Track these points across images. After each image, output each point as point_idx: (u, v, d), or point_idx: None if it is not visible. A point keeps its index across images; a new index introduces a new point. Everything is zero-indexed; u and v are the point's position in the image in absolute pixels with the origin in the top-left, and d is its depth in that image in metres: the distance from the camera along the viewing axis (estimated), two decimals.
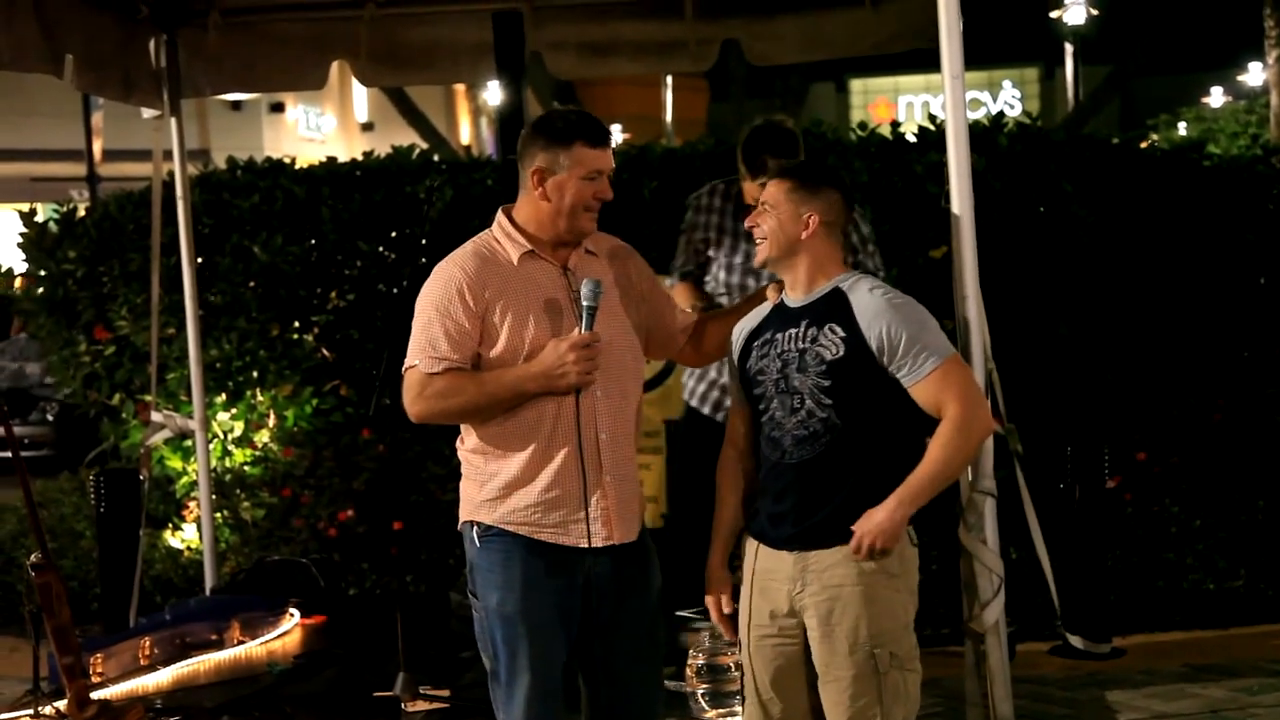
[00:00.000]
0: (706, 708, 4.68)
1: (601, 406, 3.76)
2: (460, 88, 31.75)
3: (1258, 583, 7.13)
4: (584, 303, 3.71)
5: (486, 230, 3.89)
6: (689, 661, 4.76)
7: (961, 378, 3.70)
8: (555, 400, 3.71)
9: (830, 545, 3.66)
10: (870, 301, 3.69)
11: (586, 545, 3.73)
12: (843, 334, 3.68)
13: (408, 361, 3.79)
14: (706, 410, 5.68)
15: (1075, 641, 6.56)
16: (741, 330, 3.91)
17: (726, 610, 3.90)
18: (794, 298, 3.82)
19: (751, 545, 3.83)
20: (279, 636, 6.07)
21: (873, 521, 3.60)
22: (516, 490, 3.73)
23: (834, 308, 3.73)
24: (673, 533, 7.18)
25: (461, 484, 3.87)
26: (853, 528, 3.62)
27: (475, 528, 3.80)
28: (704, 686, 4.71)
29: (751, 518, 3.87)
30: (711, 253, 5.64)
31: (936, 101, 30.06)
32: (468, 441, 3.83)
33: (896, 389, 3.67)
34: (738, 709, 4.56)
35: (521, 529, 3.74)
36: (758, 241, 3.85)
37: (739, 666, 4.45)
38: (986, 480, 4.09)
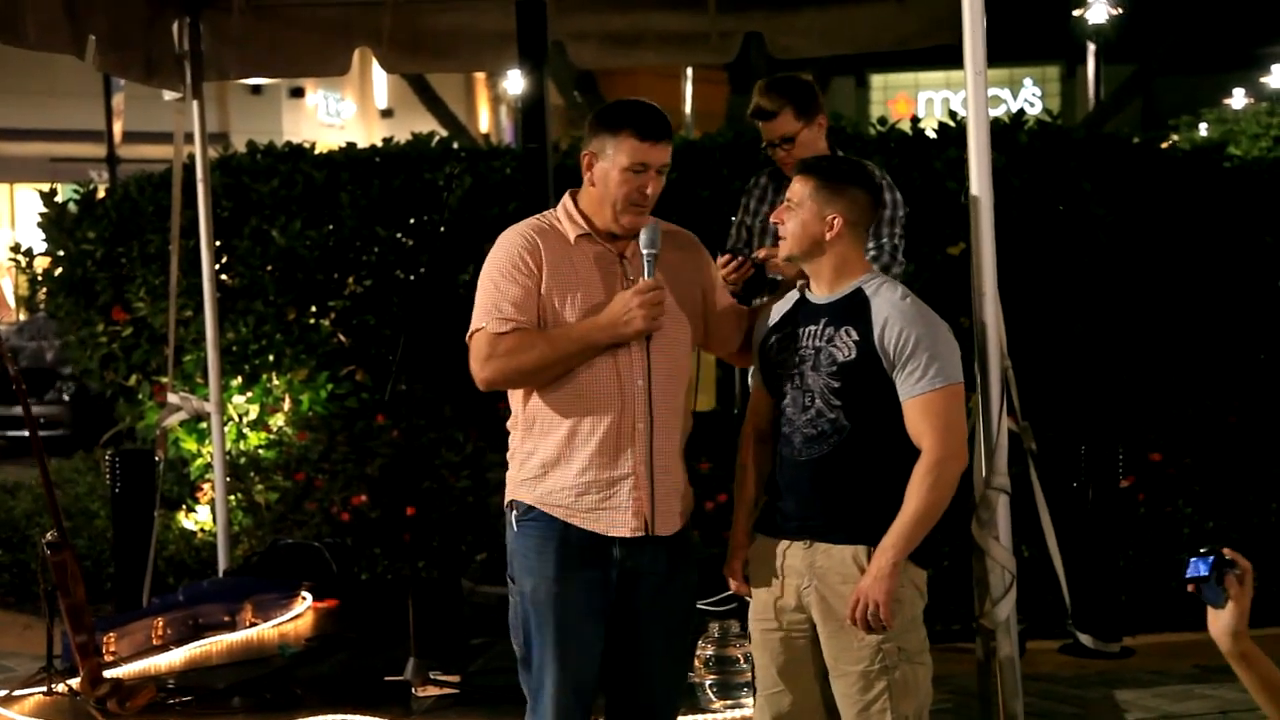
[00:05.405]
0: (714, 699, 4.69)
1: (651, 393, 3.69)
2: (480, 76, 31.71)
3: (1270, 586, 7.11)
4: (644, 250, 3.69)
5: (550, 209, 3.89)
6: (697, 652, 4.76)
7: (945, 411, 3.61)
8: (600, 380, 3.67)
9: (836, 542, 3.65)
10: (888, 307, 3.65)
11: (618, 535, 3.68)
12: (857, 337, 3.65)
13: (473, 326, 3.74)
14: None
15: (1085, 640, 6.56)
16: (766, 320, 3.89)
17: (737, 581, 3.87)
18: (817, 294, 3.79)
19: (759, 540, 3.82)
20: (291, 619, 6.10)
21: (860, 590, 3.57)
22: (553, 470, 3.70)
23: (853, 310, 3.69)
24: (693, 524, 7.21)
25: (508, 470, 3.83)
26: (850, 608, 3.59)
27: (514, 509, 3.76)
28: (712, 678, 4.71)
29: (761, 511, 3.86)
30: (755, 242, 5.61)
31: (957, 98, 29.98)
32: (513, 417, 3.80)
33: None
34: (745, 701, 4.57)
35: (557, 511, 3.69)
36: (781, 238, 3.82)
37: (748, 658, 4.45)
38: (1000, 477, 4.09)
